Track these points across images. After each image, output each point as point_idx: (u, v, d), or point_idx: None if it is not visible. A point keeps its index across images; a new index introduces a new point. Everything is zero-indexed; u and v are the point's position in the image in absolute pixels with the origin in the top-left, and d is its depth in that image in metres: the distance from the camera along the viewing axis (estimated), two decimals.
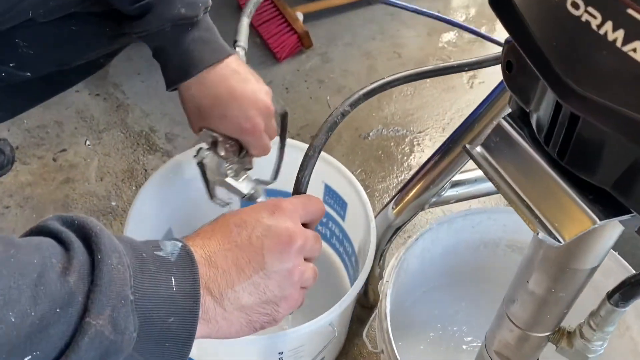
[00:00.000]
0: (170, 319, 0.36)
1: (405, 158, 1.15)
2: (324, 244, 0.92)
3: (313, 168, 0.56)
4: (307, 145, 0.82)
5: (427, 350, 0.78)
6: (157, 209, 0.79)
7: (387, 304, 0.64)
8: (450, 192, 0.76)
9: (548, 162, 0.38)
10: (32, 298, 0.30)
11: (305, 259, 0.47)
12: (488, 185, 0.78)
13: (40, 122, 1.15)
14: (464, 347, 0.78)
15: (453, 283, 0.83)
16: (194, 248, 0.41)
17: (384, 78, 0.61)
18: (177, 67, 0.62)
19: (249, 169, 0.69)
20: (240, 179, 0.68)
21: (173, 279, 0.37)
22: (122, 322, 0.34)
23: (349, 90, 1.27)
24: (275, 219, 0.45)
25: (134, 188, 1.06)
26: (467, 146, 0.40)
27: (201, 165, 0.66)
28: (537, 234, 0.36)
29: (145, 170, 1.09)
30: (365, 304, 0.90)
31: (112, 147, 1.13)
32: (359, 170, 1.12)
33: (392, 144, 1.17)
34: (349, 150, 1.16)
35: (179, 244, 0.40)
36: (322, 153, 0.82)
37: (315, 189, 0.85)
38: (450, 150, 0.72)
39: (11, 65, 0.61)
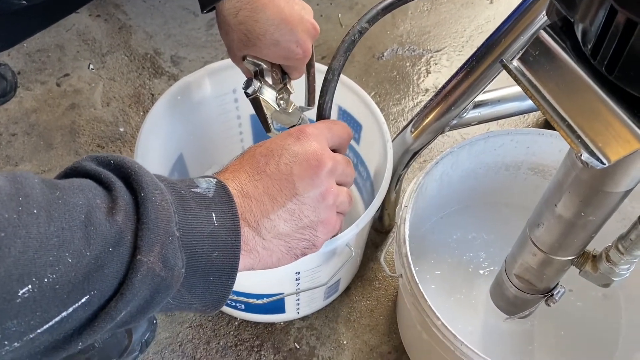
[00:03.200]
0: (215, 254, 0.36)
1: (421, 79, 1.10)
2: None
3: (334, 92, 0.53)
4: (324, 67, 0.78)
5: (444, 276, 0.77)
6: (166, 134, 0.77)
7: (406, 229, 0.62)
8: (472, 114, 0.73)
9: (593, 77, 0.35)
10: (84, 239, 0.30)
11: (338, 184, 0.46)
12: (512, 106, 0.74)
13: (40, 46, 1.11)
14: (481, 272, 0.78)
15: (471, 207, 0.82)
16: (226, 182, 0.41)
17: None
18: None
19: (291, 94, 0.65)
20: (291, 108, 0.64)
21: (213, 215, 0.37)
22: (171, 259, 0.34)
23: (362, 7, 1.20)
24: (301, 144, 0.45)
25: (141, 113, 1.03)
26: (505, 60, 0.37)
27: (256, 100, 0.60)
28: (580, 155, 0.33)
29: (152, 95, 1.06)
30: (380, 229, 0.89)
31: (116, 71, 1.09)
32: (373, 92, 1.08)
33: (407, 64, 1.12)
34: (362, 71, 1.11)
35: (214, 180, 0.40)
36: None
37: None
38: (474, 68, 0.68)
39: None
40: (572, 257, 0.57)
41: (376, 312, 0.82)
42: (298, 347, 0.79)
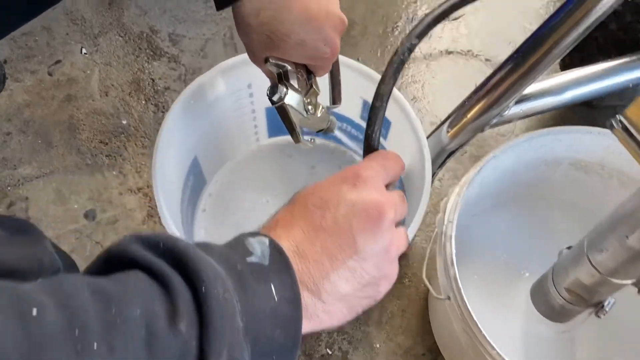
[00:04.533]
0: (276, 332, 0.34)
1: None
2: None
3: (382, 120, 0.48)
4: (347, 60, 0.71)
5: (483, 278, 0.74)
6: (181, 141, 0.71)
7: (452, 247, 0.59)
8: (514, 110, 0.67)
9: None
10: (149, 359, 0.27)
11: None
12: (556, 99, 0.69)
13: (25, 29, 1.01)
14: (521, 272, 0.75)
15: (506, 203, 0.78)
16: (280, 241, 0.37)
17: None
18: None
19: (318, 95, 0.59)
20: (319, 112, 0.58)
21: (272, 288, 0.34)
22: (237, 356, 0.30)
23: None
24: (358, 192, 0.40)
25: (143, 102, 0.96)
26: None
27: (282, 108, 0.54)
28: None
29: (153, 80, 0.98)
30: None
31: (111, 55, 1.00)
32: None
33: None
34: (376, 45, 1.04)
35: (266, 241, 0.36)
36: (358, 64, 0.72)
37: (351, 104, 0.76)
38: (519, 64, 0.62)
39: None
40: (633, 280, 0.54)
41: (408, 312, 0.80)
42: (330, 352, 0.77)
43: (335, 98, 0.65)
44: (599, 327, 0.71)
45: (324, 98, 0.63)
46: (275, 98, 0.55)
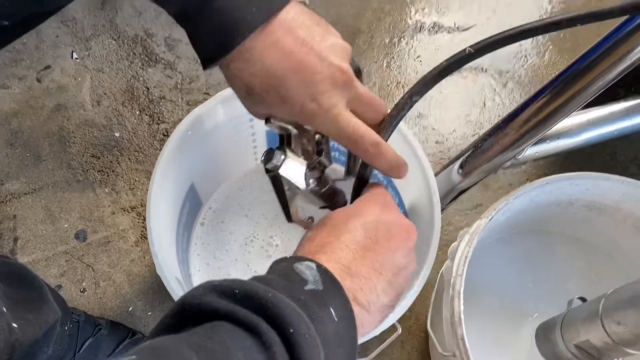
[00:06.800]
0: (339, 351, 0.36)
1: None
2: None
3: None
4: None
5: (485, 321, 0.72)
6: (178, 167, 0.68)
7: (460, 304, 0.56)
8: (529, 152, 0.64)
9: None
10: None
11: None
12: (571, 141, 0.66)
13: None
14: (525, 313, 0.73)
15: (514, 237, 0.75)
16: (329, 264, 0.39)
17: (465, 50, 0.46)
18: (212, 37, 0.40)
19: (326, 167, 0.48)
20: (324, 188, 0.49)
21: (332, 310, 0.36)
22: None
23: None
24: (389, 214, 0.44)
25: (137, 113, 0.91)
26: None
27: (276, 178, 0.46)
28: None
29: (147, 89, 0.93)
30: None
31: (104, 60, 0.95)
32: (395, 83, 0.97)
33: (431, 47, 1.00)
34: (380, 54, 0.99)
35: (314, 266, 0.37)
36: None
37: None
38: (543, 108, 0.58)
39: None
40: None
41: (407, 344, 0.78)
42: None
43: (351, 169, 0.51)
44: None
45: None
46: (269, 166, 0.45)
